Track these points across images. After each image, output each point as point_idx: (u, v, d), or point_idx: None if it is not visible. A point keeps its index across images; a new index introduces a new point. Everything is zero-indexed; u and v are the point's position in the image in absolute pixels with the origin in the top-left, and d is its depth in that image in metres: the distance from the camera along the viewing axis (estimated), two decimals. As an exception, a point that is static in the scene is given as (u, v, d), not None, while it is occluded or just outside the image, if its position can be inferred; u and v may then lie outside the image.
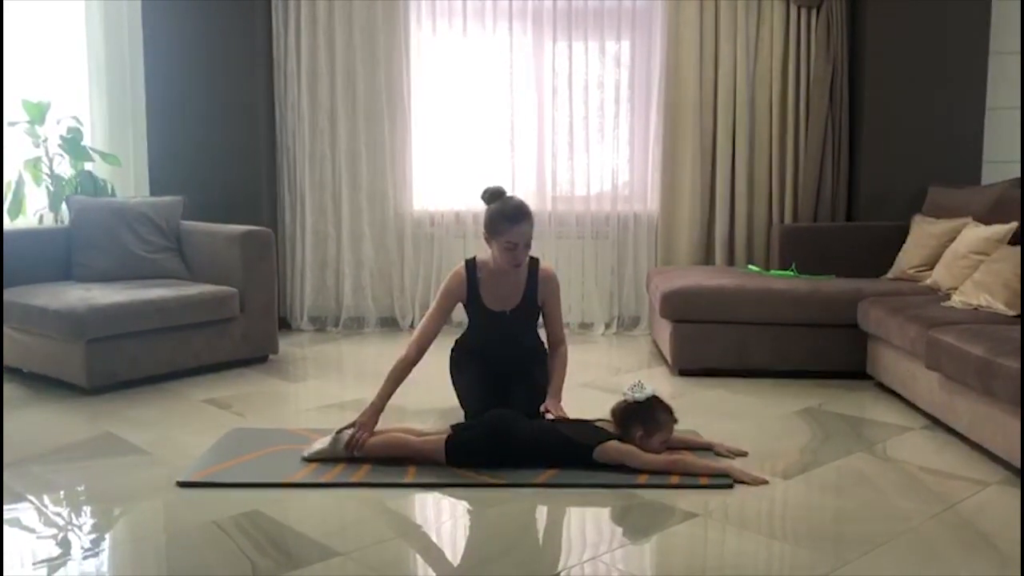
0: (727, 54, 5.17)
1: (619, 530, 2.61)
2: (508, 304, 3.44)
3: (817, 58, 5.08)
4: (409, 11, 5.36)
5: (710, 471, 2.90)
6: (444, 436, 2.98)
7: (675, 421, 3.07)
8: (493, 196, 3.37)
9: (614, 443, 2.94)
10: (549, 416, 3.19)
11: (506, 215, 3.29)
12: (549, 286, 3.46)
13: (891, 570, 2.29)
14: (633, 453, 2.92)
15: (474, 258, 3.50)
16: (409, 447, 2.99)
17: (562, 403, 3.31)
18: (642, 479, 2.86)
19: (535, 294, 3.45)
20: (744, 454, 3.13)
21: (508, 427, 3.00)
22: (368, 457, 2.98)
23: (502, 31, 5.35)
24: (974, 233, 4.10)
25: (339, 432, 3.02)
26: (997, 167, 4.96)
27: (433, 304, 3.45)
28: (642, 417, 3.00)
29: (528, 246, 3.33)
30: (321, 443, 3.03)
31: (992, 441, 3.03)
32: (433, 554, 2.47)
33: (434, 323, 3.36)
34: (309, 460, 3.00)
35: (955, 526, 2.56)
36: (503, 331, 3.47)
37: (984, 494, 2.80)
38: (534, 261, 3.46)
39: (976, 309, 3.65)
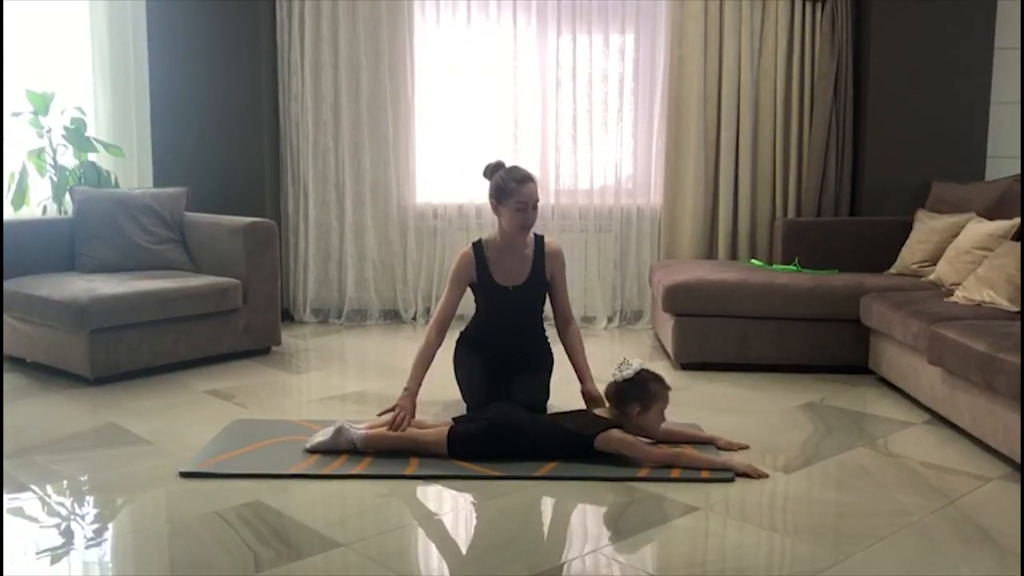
0: (731, 48, 5.16)
1: (620, 523, 2.61)
2: (517, 279, 3.49)
3: (821, 52, 5.07)
4: (412, 3, 5.36)
5: (712, 465, 2.90)
6: (446, 429, 2.99)
7: (668, 388, 3.08)
8: (495, 167, 3.47)
9: (616, 432, 2.95)
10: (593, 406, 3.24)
11: (513, 177, 3.41)
12: (556, 260, 3.53)
13: (892, 564, 2.30)
14: (635, 445, 2.93)
15: (480, 239, 3.55)
16: (411, 439, 3.00)
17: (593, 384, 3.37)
18: (643, 472, 2.86)
19: (542, 268, 3.51)
20: (745, 447, 3.13)
21: (509, 420, 3.01)
22: (370, 449, 2.98)
23: (506, 23, 5.34)
24: (977, 229, 4.10)
25: (340, 426, 3.02)
26: (1001, 163, 4.95)
27: (446, 287, 3.52)
28: (635, 392, 3.01)
29: (536, 208, 3.42)
30: (323, 434, 3.04)
31: (994, 436, 3.03)
32: (434, 545, 2.48)
33: (450, 304, 3.44)
34: (311, 451, 3.01)
35: (956, 521, 2.56)
36: (512, 308, 3.51)
37: (985, 489, 2.80)
38: (539, 238, 3.51)
39: (979, 305, 3.65)
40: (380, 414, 3.13)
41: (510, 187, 3.38)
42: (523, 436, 2.97)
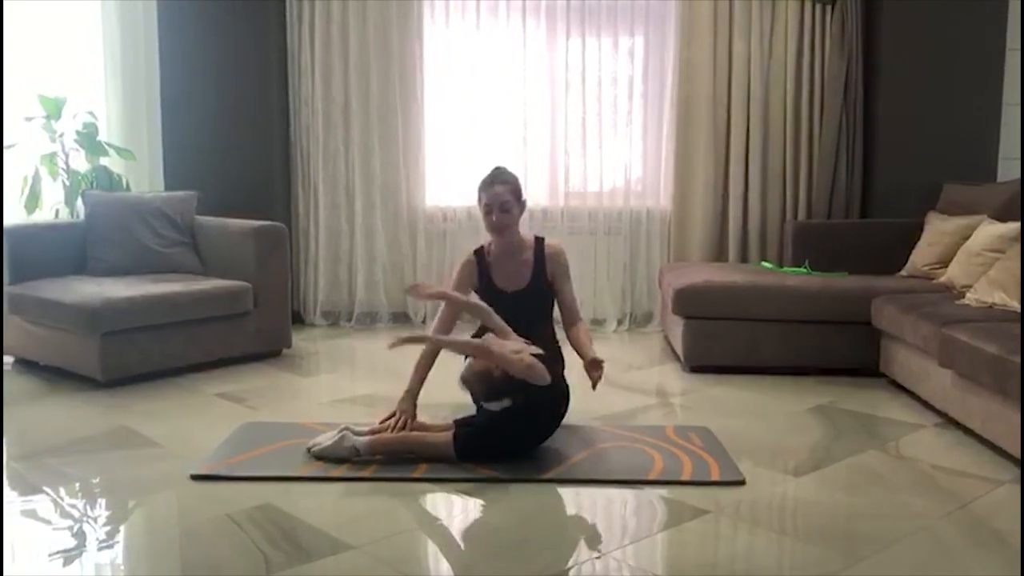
0: (741, 50, 5.16)
1: (630, 526, 2.61)
2: (518, 284, 3.49)
3: (831, 54, 5.06)
4: (423, 6, 5.37)
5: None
6: (450, 434, 2.98)
7: (484, 335, 3.05)
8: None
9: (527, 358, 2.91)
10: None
11: (484, 180, 3.45)
12: (556, 261, 3.50)
13: (903, 568, 2.29)
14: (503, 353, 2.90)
15: (481, 246, 3.57)
16: (416, 441, 3.00)
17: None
18: (655, 473, 2.86)
19: (543, 271, 3.49)
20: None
21: (506, 416, 2.99)
22: (375, 454, 2.96)
23: (515, 26, 5.35)
24: (989, 230, 4.08)
25: (343, 432, 2.99)
26: (1013, 164, 4.92)
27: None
28: (500, 386, 2.93)
29: (505, 211, 3.41)
30: (327, 438, 3.01)
31: (1005, 439, 3.01)
32: (444, 548, 2.48)
33: (451, 309, 3.42)
34: (316, 457, 2.97)
35: (968, 524, 2.55)
36: (516, 313, 3.49)
37: (997, 492, 2.79)
38: (540, 240, 3.51)
39: (990, 307, 3.63)
40: (382, 421, 3.14)
41: (479, 192, 3.45)
42: (517, 416, 2.94)
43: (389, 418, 3.14)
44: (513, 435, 2.98)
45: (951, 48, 4.94)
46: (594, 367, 3.29)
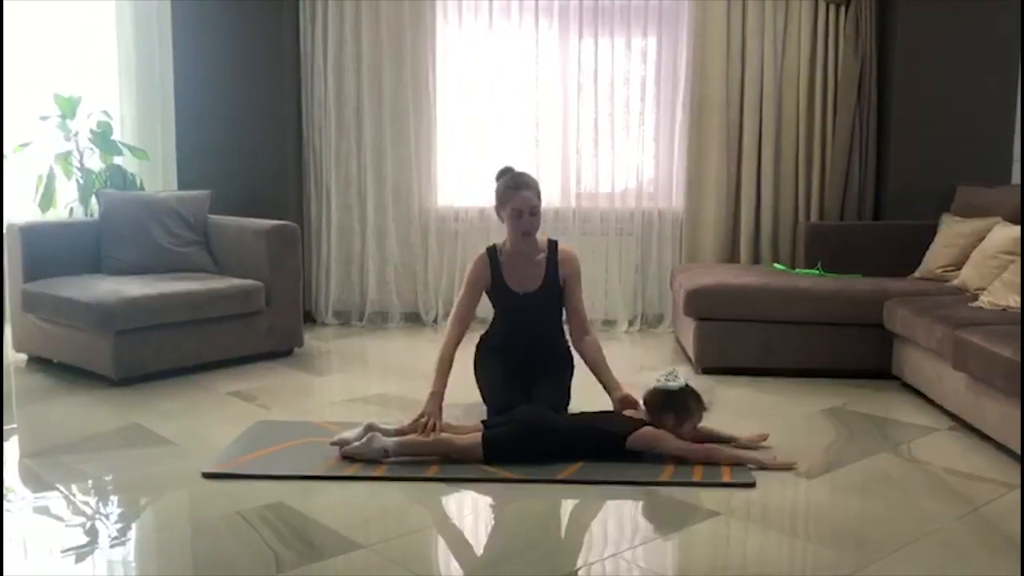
0: (754, 50, 5.14)
1: (641, 527, 2.61)
2: (531, 285, 3.49)
3: (845, 55, 5.04)
4: (435, 7, 5.37)
5: (741, 461, 2.94)
6: (479, 435, 2.98)
7: (705, 409, 3.10)
8: (502, 173, 3.51)
9: (648, 429, 2.98)
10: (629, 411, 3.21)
11: (510, 184, 3.44)
12: (569, 265, 3.51)
13: (915, 572, 2.28)
14: (667, 437, 2.97)
15: (494, 245, 3.57)
16: (445, 444, 2.99)
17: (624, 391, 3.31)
18: (666, 475, 2.86)
19: (556, 274, 3.49)
20: (764, 437, 3.17)
21: (542, 420, 3.00)
22: (403, 456, 2.95)
23: (528, 26, 5.35)
24: (1003, 233, 4.05)
25: (372, 433, 2.97)
26: (1027, 166, 4.89)
27: (461, 290, 3.54)
28: (675, 405, 3.03)
29: (534, 214, 3.42)
30: (353, 435, 3.00)
31: (1019, 443, 2.99)
32: (455, 548, 2.48)
33: (465, 306, 3.46)
34: (346, 457, 2.96)
35: (981, 528, 2.54)
36: (527, 314, 3.51)
37: (1011, 496, 2.77)
38: (553, 243, 3.51)
39: (1004, 310, 3.61)
40: (410, 423, 3.10)
41: (507, 194, 3.42)
42: (557, 436, 2.97)
43: (417, 420, 3.12)
44: (544, 438, 2.98)
45: (966, 49, 4.91)
46: (625, 404, 3.25)
